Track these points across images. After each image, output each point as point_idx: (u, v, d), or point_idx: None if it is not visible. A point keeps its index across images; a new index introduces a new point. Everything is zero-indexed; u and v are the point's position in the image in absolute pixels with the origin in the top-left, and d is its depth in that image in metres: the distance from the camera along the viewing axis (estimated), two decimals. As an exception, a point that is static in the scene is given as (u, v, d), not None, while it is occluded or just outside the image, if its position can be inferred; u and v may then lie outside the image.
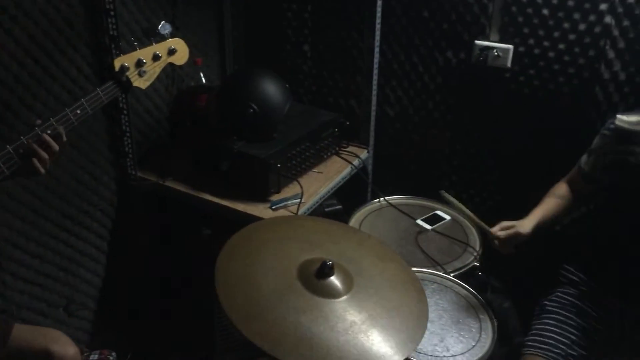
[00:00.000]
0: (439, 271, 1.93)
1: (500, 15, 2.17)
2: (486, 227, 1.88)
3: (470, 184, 2.49)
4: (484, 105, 2.32)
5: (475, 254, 2.03)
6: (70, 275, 2.14)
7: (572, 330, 1.78)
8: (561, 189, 1.93)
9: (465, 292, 1.87)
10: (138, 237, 2.33)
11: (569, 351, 1.73)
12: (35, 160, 1.39)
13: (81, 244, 2.16)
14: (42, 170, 1.42)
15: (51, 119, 1.45)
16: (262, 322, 1.30)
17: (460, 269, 1.95)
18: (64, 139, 1.44)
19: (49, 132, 1.42)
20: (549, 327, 1.80)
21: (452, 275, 1.92)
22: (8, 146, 1.38)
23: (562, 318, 1.81)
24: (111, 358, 2.13)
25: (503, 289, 2.14)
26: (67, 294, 2.15)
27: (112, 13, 1.95)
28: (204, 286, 1.58)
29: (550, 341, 1.75)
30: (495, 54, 2.19)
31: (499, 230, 1.81)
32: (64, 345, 1.54)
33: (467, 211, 1.96)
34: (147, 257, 2.36)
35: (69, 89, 1.95)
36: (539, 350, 1.74)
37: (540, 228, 1.82)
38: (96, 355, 2.05)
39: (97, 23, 1.97)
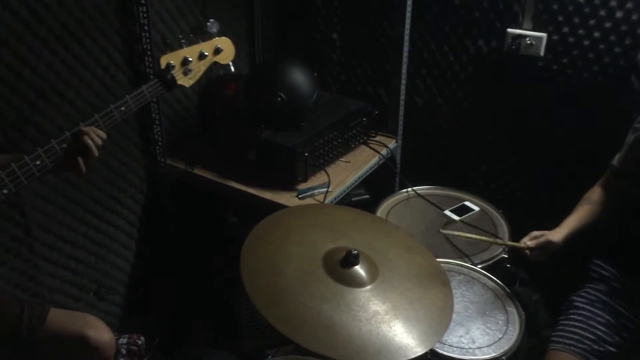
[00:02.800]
0: (466, 263, 1.91)
1: (533, 2, 2.12)
2: (511, 243, 1.86)
3: (500, 174, 2.46)
4: (515, 94, 2.28)
5: (504, 245, 1.99)
6: (100, 260, 2.18)
7: (600, 327, 1.74)
8: (595, 194, 1.87)
9: (492, 284, 1.84)
10: (166, 224, 2.36)
11: (595, 347, 1.70)
12: (79, 159, 1.39)
13: (111, 230, 2.19)
14: (84, 169, 1.41)
15: (96, 115, 1.45)
16: (285, 307, 1.30)
17: (488, 260, 1.93)
18: (104, 137, 1.45)
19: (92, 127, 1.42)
20: (574, 323, 1.76)
21: (479, 267, 1.89)
22: (52, 140, 1.38)
23: (589, 314, 1.77)
24: (140, 342, 2.16)
25: (532, 282, 2.10)
26: (98, 279, 2.19)
27: (142, 1, 1.96)
28: (231, 273, 1.59)
29: (575, 336, 1.72)
30: (528, 42, 2.15)
31: (529, 240, 1.78)
32: (99, 330, 1.54)
33: (481, 237, 1.92)
34: (175, 244, 2.39)
35: (99, 77, 1.97)
36: (563, 346, 1.72)
37: (573, 237, 1.78)
38: (125, 339, 2.08)
39: (128, 11, 1.99)
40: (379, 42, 2.50)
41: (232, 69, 2.46)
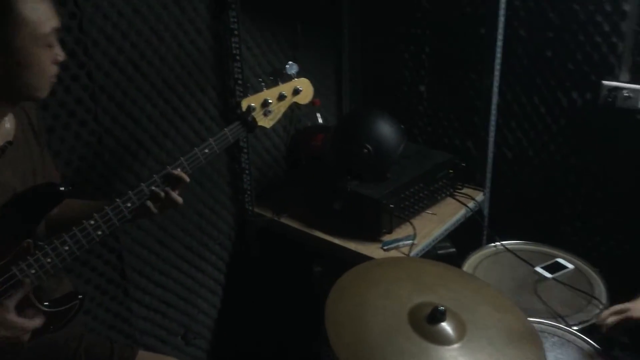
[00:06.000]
0: (561, 323, 1.81)
1: (631, 54, 2.06)
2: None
3: (597, 231, 2.34)
4: (612, 148, 2.19)
5: (601, 306, 1.88)
6: (189, 304, 2.24)
7: None
8: None
9: (589, 347, 1.73)
10: (252, 272, 2.40)
11: None
12: (149, 202, 1.43)
13: (200, 276, 2.25)
14: (155, 211, 1.45)
15: (181, 158, 1.51)
16: (370, 364, 1.28)
17: (585, 322, 1.82)
18: (187, 180, 1.49)
19: (178, 169, 1.48)
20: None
21: (574, 328, 1.79)
22: (142, 184, 1.42)
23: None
24: (223, 388, 2.19)
25: (633, 346, 1.96)
26: (185, 323, 2.24)
27: (237, 58, 2.06)
28: (314, 323, 1.59)
29: None
30: (626, 94, 2.07)
31: (610, 314, 1.62)
32: None
33: None
34: (260, 291, 2.42)
35: (195, 129, 2.08)
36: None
37: None
38: (209, 385, 2.11)
39: (224, 68, 2.10)
40: (467, 94, 2.49)
41: (320, 120, 2.54)
